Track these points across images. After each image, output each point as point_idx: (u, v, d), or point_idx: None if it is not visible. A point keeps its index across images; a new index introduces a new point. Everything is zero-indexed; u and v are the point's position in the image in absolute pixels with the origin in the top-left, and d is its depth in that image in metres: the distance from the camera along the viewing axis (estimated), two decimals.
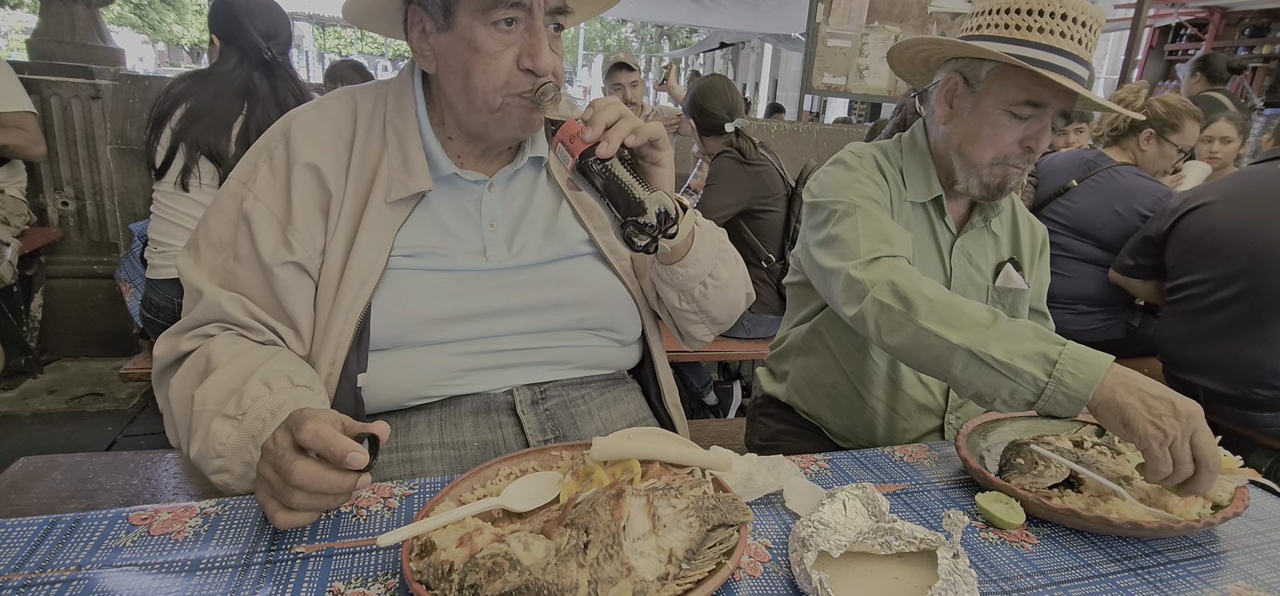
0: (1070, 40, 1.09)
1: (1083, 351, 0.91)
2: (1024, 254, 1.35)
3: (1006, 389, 0.95)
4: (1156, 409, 0.84)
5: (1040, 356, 0.92)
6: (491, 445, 0.97)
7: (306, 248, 0.93)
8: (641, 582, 0.63)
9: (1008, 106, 1.15)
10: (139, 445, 2.73)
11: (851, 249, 1.15)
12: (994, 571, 0.76)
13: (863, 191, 1.22)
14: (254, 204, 0.93)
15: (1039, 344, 0.94)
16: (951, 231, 1.30)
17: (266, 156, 0.96)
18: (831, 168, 1.29)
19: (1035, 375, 0.92)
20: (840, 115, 10.87)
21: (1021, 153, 1.17)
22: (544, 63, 0.91)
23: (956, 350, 0.98)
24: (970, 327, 0.99)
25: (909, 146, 1.31)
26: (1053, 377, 0.91)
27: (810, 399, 1.41)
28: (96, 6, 3.58)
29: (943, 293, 1.04)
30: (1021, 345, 0.94)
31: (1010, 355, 0.94)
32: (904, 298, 1.05)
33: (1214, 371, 2.09)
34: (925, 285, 1.05)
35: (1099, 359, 0.90)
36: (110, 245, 3.36)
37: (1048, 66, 1.09)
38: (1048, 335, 0.95)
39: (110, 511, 0.76)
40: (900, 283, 1.06)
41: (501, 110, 0.94)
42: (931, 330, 1.01)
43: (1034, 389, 0.92)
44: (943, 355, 1.00)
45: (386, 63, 23.88)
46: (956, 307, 1.01)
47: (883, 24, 4.32)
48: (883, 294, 1.07)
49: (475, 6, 0.89)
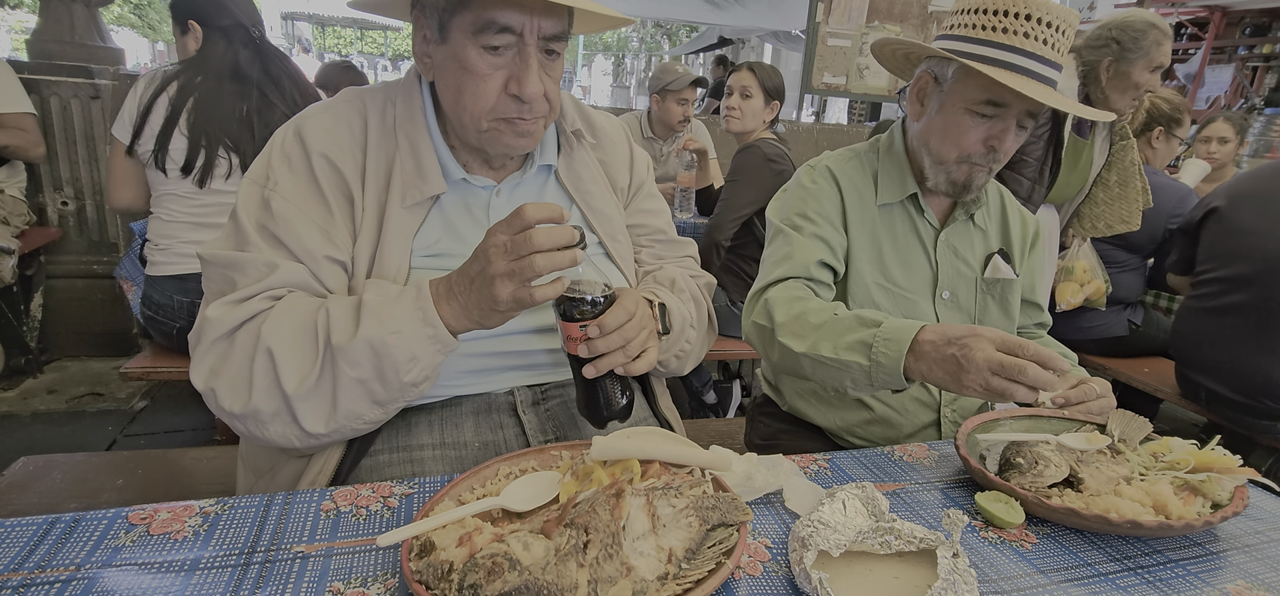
0: (1034, 41, 1.10)
1: (892, 329, 0.99)
2: (1014, 245, 1.36)
3: (845, 379, 1.05)
4: (950, 366, 0.92)
5: (860, 344, 1.02)
6: (492, 445, 0.98)
7: (342, 244, 0.93)
8: (641, 582, 0.63)
9: (971, 106, 1.17)
10: (139, 445, 2.73)
11: (765, 269, 1.26)
12: (994, 571, 0.76)
13: (796, 209, 1.29)
14: (284, 204, 0.91)
15: (859, 332, 1.03)
16: (934, 226, 1.32)
17: (283, 157, 0.95)
18: (788, 184, 1.36)
19: (859, 361, 1.02)
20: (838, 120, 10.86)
21: (985, 151, 1.19)
22: (530, 90, 0.90)
23: (801, 358, 1.10)
24: (809, 334, 1.10)
25: (886, 148, 1.34)
26: (872, 360, 1.00)
27: (807, 400, 1.41)
28: (96, 6, 3.57)
29: (797, 307, 1.14)
30: (846, 338, 1.04)
31: (837, 350, 1.05)
32: (769, 317, 1.17)
33: (1221, 374, 2.09)
34: (784, 304, 1.16)
35: (904, 333, 0.98)
36: (110, 245, 3.36)
37: (1010, 67, 1.10)
38: (868, 320, 1.04)
39: (110, 511, 0.76)
40: (771, 303, 1.17)
41: (490, 132, 0.94)
42: (784, 344, 1.12)
43: (863, 374, 1.02)
44: (796, 365, 1.12)
45: (387, 62, 23.87)
46: (804, 319, 1.12)
47: (883, 24, 4.31)
48: (758, 317, 1.20)
49: (467, 26, 0.88)
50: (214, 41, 2.05)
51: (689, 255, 1.28)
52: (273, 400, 0.84)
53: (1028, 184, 2.22)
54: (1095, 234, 2.47)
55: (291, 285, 0.90)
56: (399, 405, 0.90)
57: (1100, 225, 2.44)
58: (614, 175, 1.16)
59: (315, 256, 0.91)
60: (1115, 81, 2.20)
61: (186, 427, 2.83)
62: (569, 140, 1.09)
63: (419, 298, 0.86)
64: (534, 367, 1.03)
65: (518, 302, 0.82)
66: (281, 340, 0.84)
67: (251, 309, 0.87)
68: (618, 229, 1.12)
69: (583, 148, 1.11)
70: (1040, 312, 1.42)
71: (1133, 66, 2.15)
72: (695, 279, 1.22)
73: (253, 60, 2.07)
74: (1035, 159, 2.21)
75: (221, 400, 0.85)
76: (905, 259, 1.30)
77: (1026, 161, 2.20)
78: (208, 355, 0.87)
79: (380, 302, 0.85)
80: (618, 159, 1.18)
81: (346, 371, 0.83)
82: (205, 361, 0.87)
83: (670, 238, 1.25)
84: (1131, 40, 2.12)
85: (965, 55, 1.14)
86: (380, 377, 0.85)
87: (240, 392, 0.85)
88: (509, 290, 0.80)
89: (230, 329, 0.86)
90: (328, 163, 0.94)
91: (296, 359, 0.84)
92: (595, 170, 1.12)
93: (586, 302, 0.87)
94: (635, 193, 1.21)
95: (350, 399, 0.85)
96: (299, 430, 0.85)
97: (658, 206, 1.25)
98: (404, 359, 0.84)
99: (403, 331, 0.84)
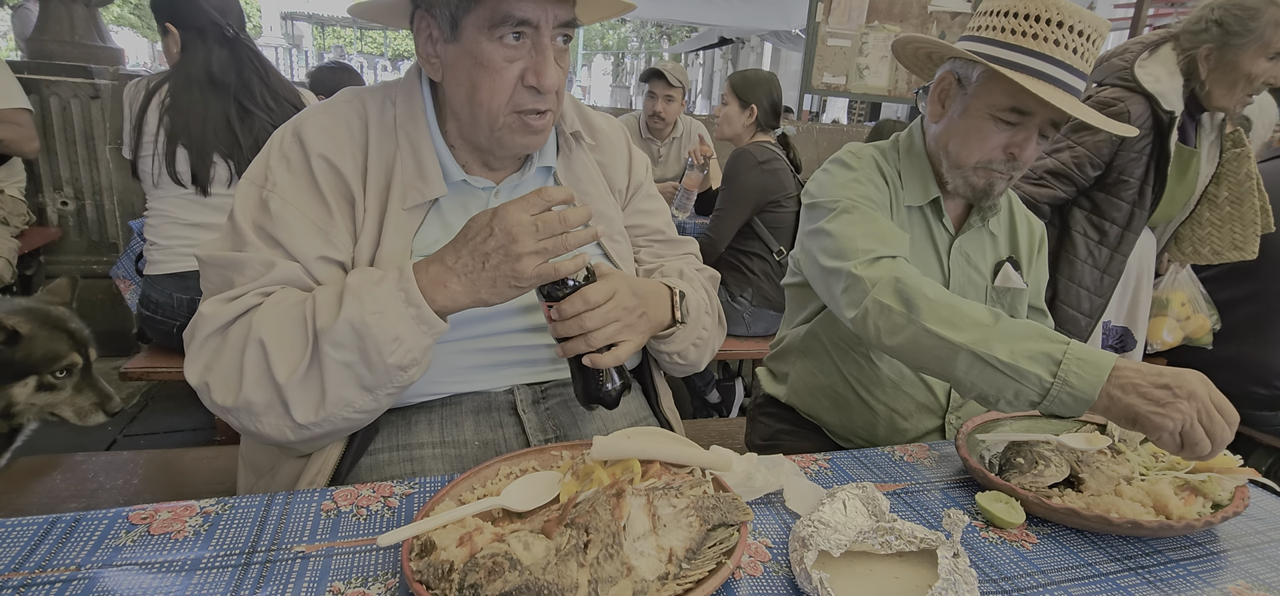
0: (1064, 49, 1.08)
1: (1087, 351, 0.91)
2: (1022, 252, 1.35)
3: (1011, 389, 0.94)
4: (1159, 399, 0.85)
5: (1045, 356, 0.91)
6: (492, 444, 0.98)
7: (341, 245, 0.93)
8: (641, 582, 0.63)
9: (994, 112, 1.14)
10: (139, 445, 2.73)
11: (850, 246, 1.14)
12: (994, 570, 0.76)
13: (861, 191, 1.22)
14: (282, 205, 0.91)
15: (1043, 344, 0.93)
16: (949, 232, 1.30)
17: (282, 158, 0.95)
18: (831, 166, 1.29)
19: (1040, 376, 0.91)
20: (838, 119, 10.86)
21: (1006, 159, 1.17)
22: (549, 80, 0.91)
23: (960, 351, 0.97)
24: (972, 328, 0.98)
25: (906, 148, 1.31)
26: (1058, 378, 0.90)
27: (810, 400, 1.40)
28: (96, 6, 3.58)
29: (943, 293, 1.04)
30: (1025, 345, 0.93)
31: (1014, 355, 0.93)
32: (906, 298, 1.03)
33: (1216, 367, 2.09)
34: (927, 285, 1.05)
35: (1103, 359, 0.89)
36: (109, 245, 3.36)
37: (1038, 74, 1.08)
38: (1051, 334, 0.95)
39: (110, 511, 0.76)
40: (903, 282, 1.05)
41: (504, 129, 0.94)
42: (934, 331, 0.99)
43: (1039, 389, 0.91)
44: (946, 357, 0.99)
45: (386, 62, 23.87)
46: (958, 308, 1.00)
47: (883, 24, 4.31)
48: (884, 294, 1.05)
49: (482, 21, 0.88)
50: (192, 46, 2.01)
51: (690, 253, 1.28)
52: (264, 391, 0.84)
53: (1126, 208, 1.92)
54: (1199, 260, 2.09)
55: (287, 282, 0.90)
56: (389, 392, 0.88)
57: (1206, 251, 2.05)
58: (612, 176, 1.16)
59: (312, 256, 0.91)
60: (1219, 74, 1.81)
61: (186, 427, 2.83)
62: (568, 142, 1.09)
63: (402, 279, 0.85)
64: (534, 366, 1.03)
65: (541, 278, 0.86)
66: (272, 330, 0.84)
67: (245, 303, 0.87)
68: (616, 230, 1.12)
69: (581, 149, 1.11)
70: (1044, 317, 1.42)
71: (1241, 54, 1.76)
72: (700, 273, 1.22)
73: (228, 63, 2.02)
74: (1136, 178, 1.89)
75: (215, 394, 0.85)
76: (921, 263, 1.28)
77: (1125, 182, 1.90)
78: (202, 351, 0.87)
79: (362, 285, 0.85)
80: (616, 160, 1.17)
81: (331, 354, 0.83)
82: (199, 357, 0.87)
83: (669, 237, 1.25)
84: (1239, 22, 1.75)
85: (994, 59, 1.11)
86: (365, 360, 0.84)
87: (232, 386, 0.84)
88: (534, 266, 0.84)
89: (224, 324, 0.87)
90: (327, 164, 0.94)
91: (287, 348, 0.84)
92: (594, 171, 1.12)
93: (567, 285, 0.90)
94: (634, 194, 1.21)
95: (337, 384, 0.84)
96: (290, 421, 0.84)
97: (656, 207, 1.25)
98: (387, 339, 0.83)
99: (385, 312, 0.83)
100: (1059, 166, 1.91)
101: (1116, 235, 1.95)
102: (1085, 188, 1.93)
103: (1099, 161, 1.88)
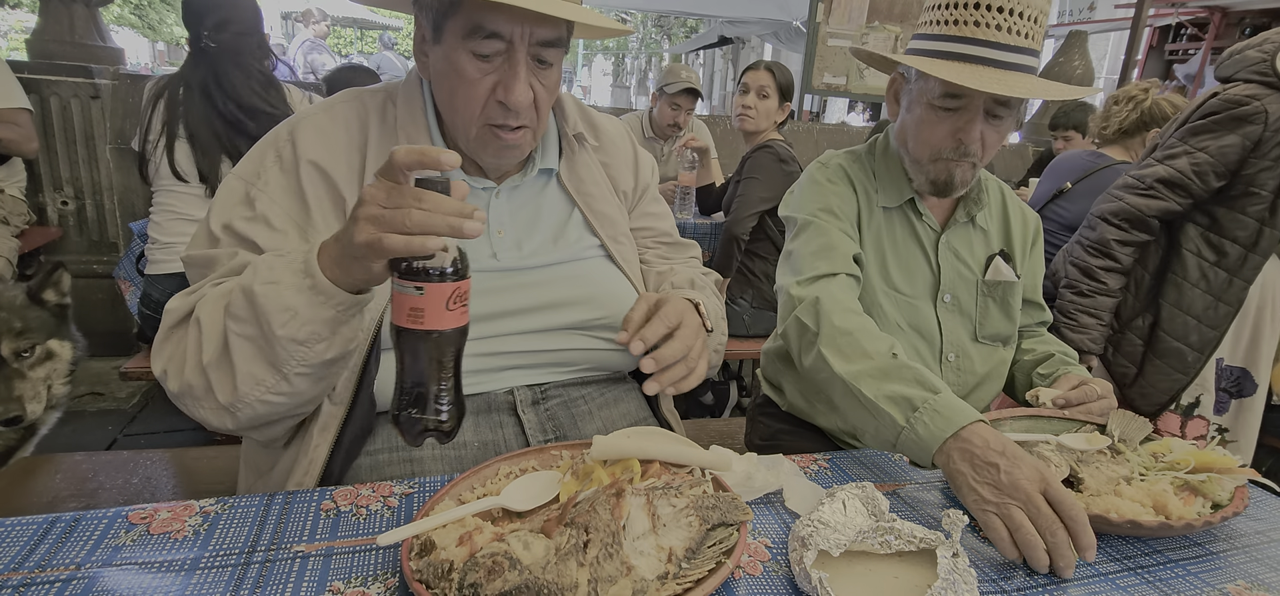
0: (988, 28, 1.09)
1: (949, 406, 0.89)
2: (1015, 245, 1.35)
3: (872, 426, 0.97)
4: (985, 477, 0.80)
5: (904, 400, 0.93)
6: (492, 445, 0.98)
7: None
8: (641, 581, 0.63)
9: (933, 100, 1.17)
10: (139, 444, 2.73)
11: (797, 263, 1.20)
12: (994, 570, 0.76)
13: (821, 203, 1.26)
14: (269, 203, 0.92)
15: (912, 389, 0.93)
16: (934, 229, 1.30)
17: (274, 156, 0.95)
18: (802, 179, 1.34)
19: (894, 417, 0.93)
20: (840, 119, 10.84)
21: (954, 145, 1.18)
22: (516, 98, 0.89)
23: (836, 380, 1.02)
24: (859, 360, 1.01)
25: (882, 151, 1.33)
26: (909, 423, 0.91)
27: (807, 401, 1.40)
28: (96, 6, 3.57)
29: (854, 321, 1.07)
30: (891, 387, 0.95)
31: (877, 395, 0.96)
32: (816, 319, 1.09)
33: None
34: (839, 311, 1.08)
35: (960, 416, 0.87)
36: (110, 244, 3.36)
37: (969, 59, 1.10)
38: (928, 382, 0.94)
39: (110, 510, 0.76)
40: (820, 303, 1.09)
41: (478, 139, 0.94)
42: (825, 356, 1.04)
43: (892, 431, 0.93)
44: (828, 383, 1.04)
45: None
46: (857, 339, 1.03)
47: (883, 24, 4.31)
48: (803, 313, 1.12)
49: (459, 28, 0.88)
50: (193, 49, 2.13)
51: (694, 257, 1.28)
52: (198, 374, 0.83)
53: (1253, 226, 1.66)
54: None
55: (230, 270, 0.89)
56: (297, 370, 0.80)
57: None
58: (617, 178, 1.16)
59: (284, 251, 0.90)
60: None
61: (186, 427, 2.83)
62: (571, 143, 1.09)
63: (307, 252, 0.78)
64: (533, 367, 1.03)
65: (371, 250, 0.68)
66: (207, 313, 0.83)
67: (200, 293, 0.87)
68: (620, 231, 1.12)
69: (585, 150, 1.11)
70: (1042, 311, 1.42)
71: None
72: (706, 278, 1.22)
73: (209, 69, 2.11)
74: (1269, 191, 1.62)
75: (169, 382, 0.85)
76: (906, 263, 1.29)
77: (1255, 195, 1.64)
78: (165, 343, 0.88)
79: (268, 258, 0.82)
80: (621, 162, 1.17)
81: (232, 327, 0.80)
82: (162, 349, 0.88)
83: (675, 240, 1.26)
84: None
85: (924, 52, 1.15)
86: (263, 334, 0.78)
87: (177, 371, 0.84)
88: (367, 233, 0.68)
89: (182, 316, 0.87)
90: (316, 170, 0.94)
91: (212, 328, 0.82)
92: (597, 173, 1.12)
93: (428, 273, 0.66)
94: (641, 196, 1.21)
95: (243, 359, 0.80)
96: (215, 402, 0.82)
97: (661, 210, 1.26)
98: (276, 308, 0.76)
99: (280, 282, 0.78)
100: (1173, 175, 1.68)
101: (1238, 257, 1.68)
102: (1203, 200, 1.70)
103: (1224, 170, 1.64)
